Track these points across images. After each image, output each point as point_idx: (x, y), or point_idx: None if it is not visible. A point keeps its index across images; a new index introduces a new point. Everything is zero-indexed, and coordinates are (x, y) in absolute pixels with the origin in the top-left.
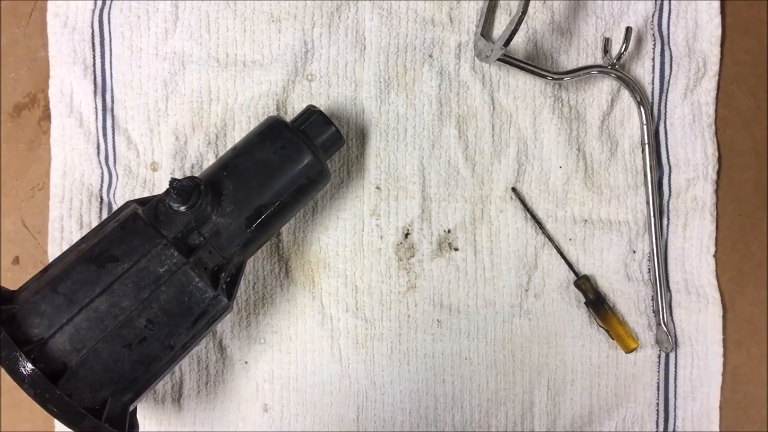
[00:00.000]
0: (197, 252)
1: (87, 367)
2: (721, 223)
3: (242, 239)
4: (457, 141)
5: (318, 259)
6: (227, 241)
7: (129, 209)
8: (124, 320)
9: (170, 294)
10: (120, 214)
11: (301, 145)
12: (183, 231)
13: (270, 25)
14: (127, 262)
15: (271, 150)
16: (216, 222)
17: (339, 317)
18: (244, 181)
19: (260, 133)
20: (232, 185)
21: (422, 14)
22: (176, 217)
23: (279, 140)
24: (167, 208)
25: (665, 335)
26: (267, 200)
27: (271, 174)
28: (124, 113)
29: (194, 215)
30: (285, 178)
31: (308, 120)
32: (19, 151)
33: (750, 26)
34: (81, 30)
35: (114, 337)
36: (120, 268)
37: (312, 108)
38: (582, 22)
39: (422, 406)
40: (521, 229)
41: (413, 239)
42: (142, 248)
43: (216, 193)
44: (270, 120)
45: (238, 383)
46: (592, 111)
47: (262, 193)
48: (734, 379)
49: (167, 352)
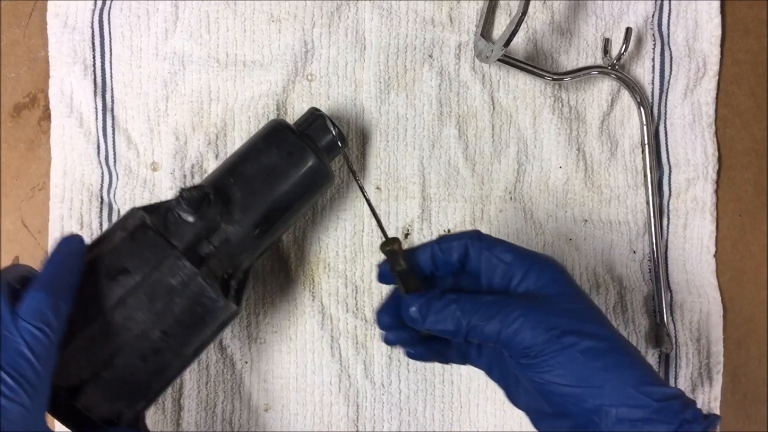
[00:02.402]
0: (208, 261)
1: (104, 381)
2: (721, 223)
3: (250, 246)
4: (457, 141)
5: (318, 259)
6: (236, 248)
7: (136, 218)
8: (139, 333)
9: (183, 305)
10: (126, 222)
11: (307, 150)
12: (193, 241)
13: (270, 25)
14: (139, 275)
15: (278, 156)
16: (225, 230)
17: (339, 317)
18: (252, 188)
19: (265, 138)
20: (240, 193)
21: (422, 14)
22: (186, 227)
23: (285, 145)
24: (177, 218)
25: (665, 335)
26: (274, 206)
27: (278, 180)
28: (124, 113)
29: (204, 225)
30: (292, 184)
31: (313, 123)
32: (19, 151)
33: (750, 26)
34: (81, 30)
35: (129, 351)
36: (132, 281)
37: (315, 111)
38: (582, 22)
39: (422, 406)
40: (521, 229)
41: (413, 240)
42: (154, 260)
43: (224, 201)
44: (275, 124)
45: (239, 383)
46: (592, 111)
47: (270, 199)
48: (734, 379)
49: (180, 360)
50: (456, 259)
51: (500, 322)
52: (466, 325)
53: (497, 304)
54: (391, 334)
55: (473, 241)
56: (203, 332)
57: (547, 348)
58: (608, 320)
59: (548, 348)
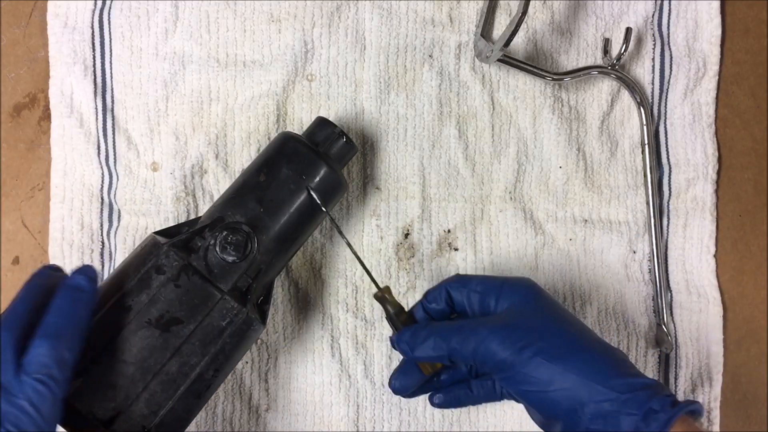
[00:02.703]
0: (250, 296)
1: (165, 425)
2: (721, 223)
3: (278, 267)
4: (457, 141)
5: (318, 259)
6: (268, 274)
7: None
8: (196, 378)
9: (233, 343)
10: (161, 262)
11: (320, 162)
12: (237, 280)
13: (270, 25)
14: (192, 323)
15: (295, 172)
16: (260, 261)
17: (339, 317)
18: (281, 215)
19: (279, 154)
20: (271, 222)
21: (422, 14)
22: (230, 268)
23: (299, 160)
24: (221, 261)
25: (665, 335)
26: (297, 224)
27: (297, 197)
28: (124, 113)
29: (246, 264)
30: (310, 198)
31: (321, 133)
32: (19, 151)
33: (750, 26)
34: (81, 30)
35: (187, 394)
36: (186, 330)
37: (323, 120)
38: (582, 22)
39: (422, 406)
40: (521, 229)
41: (413, 239)
42: (205, 306)
43: (258, 233)
44: (285, 137)
45: (239, 383)
46: (592, 111)
47: (293, 219)
48: (734, 379)
49: (220, 383)
50: (444, 303)
51: (474, 341)
52: (447, 348)
53: (470, 327)
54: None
55: (451, 284)
56: (242, 356)
57: (516, 360)
58: (577, 324)
59: (517, 359)
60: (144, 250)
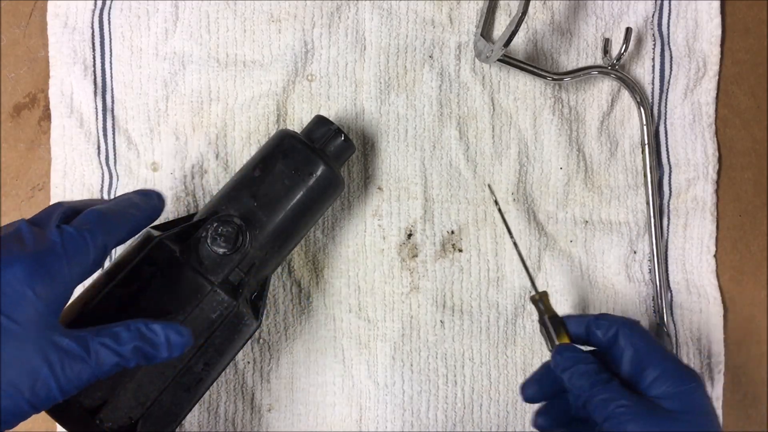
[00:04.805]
0: (242, 290)
1: (152, 417)
2: (721, 223)
3: (272, 263)
4: (458, 142)
5: (320, 259)
6: (262, 270)
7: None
8: (185, 370)
9: (223, 336)
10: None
11: (318, 159)
12: (228, 273)
13: (270, 25)
14: (181, 315)
15: (292, 168)
16: (253, 255)
17: (342, 318)
18: (273, 208)
19: (276, 151)
20: (265, 217)
21: (422, 15)
22: (221, 261)
23: (297, 157)
24: (211, 253)
25: (665, 335)
26: (293, 221)
27: (294, 194)
28: (124, 113)
29: (239, 257)
30: (306, 196)
31: (319, 131)
32: (19, 151)
33: (750, 26)
34: (81, 30)
35: (175, 386)
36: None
37: (321, 118)
38: (582, 22)
39: (426, 407)
40: (524, 230)
41: (416, 240)
42: (194, 298)
43: (251, 227)
44: (283, 134)
45: (241, 383)
46: (592, 111)
47: (289, 215)
48: (734, 379)
49: (213, 379)
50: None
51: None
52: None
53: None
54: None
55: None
56: (235, 352)
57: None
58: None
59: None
60: (137, 243)
